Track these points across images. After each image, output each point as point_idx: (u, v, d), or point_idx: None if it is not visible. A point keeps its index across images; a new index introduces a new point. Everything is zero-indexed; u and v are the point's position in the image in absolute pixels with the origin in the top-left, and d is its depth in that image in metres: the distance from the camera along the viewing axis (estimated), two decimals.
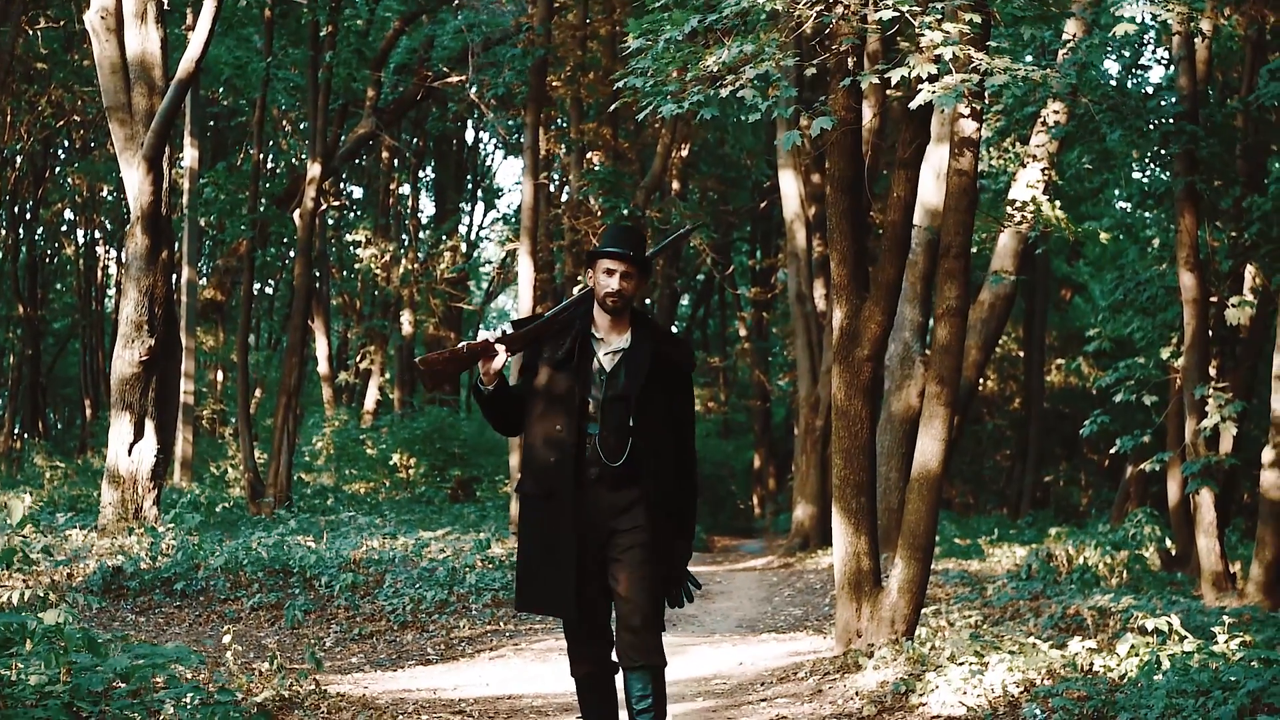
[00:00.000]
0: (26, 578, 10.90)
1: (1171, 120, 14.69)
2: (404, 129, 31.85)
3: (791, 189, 20.14)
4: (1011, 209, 13.95)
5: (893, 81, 7.48)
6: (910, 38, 7.58)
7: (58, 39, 26.25)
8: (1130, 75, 21.42)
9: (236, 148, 33.19)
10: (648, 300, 26.45)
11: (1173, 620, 8.48)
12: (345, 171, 32.30)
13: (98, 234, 34.18)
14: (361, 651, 9.89)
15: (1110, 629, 10.26)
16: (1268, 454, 12.95)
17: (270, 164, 32.81)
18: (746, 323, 33.72)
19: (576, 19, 21.41)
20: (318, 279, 28.05)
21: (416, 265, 30.77)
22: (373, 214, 33.24)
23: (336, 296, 33.78)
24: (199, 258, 27.41)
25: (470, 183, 36.92)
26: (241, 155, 31.72)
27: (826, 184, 9.04)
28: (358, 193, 36.79)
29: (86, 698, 5.50)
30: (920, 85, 7.33)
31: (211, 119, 31.14)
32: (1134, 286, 16.28)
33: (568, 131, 23.33)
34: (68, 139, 31.41)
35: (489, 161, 41.26)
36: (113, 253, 34.20)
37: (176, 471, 22.99)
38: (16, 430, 32.40)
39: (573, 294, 5.47)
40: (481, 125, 34.35)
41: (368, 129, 24.32)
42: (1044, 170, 14.90)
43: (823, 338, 19.27)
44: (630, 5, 19.28)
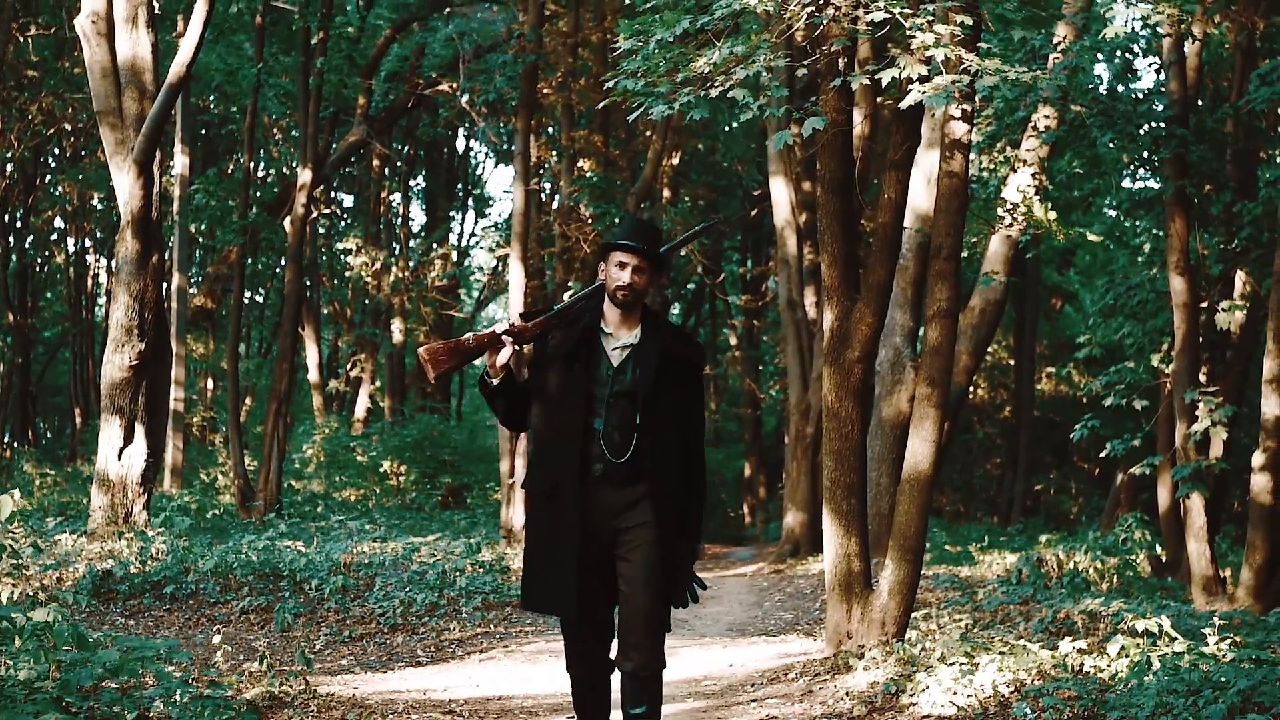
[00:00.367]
0: (16, 582, 10.85)
1: (1162, 125, 14.71)
2: (395, 137, 31.88)
3: (782, 196, 20.16)
4: (1002, 210, 13.98)
5: (883, 83, 7.49)
6: (901, 41, 7.59)
7: (48, 46, 26.24)
8: (1121, 81, 21.48)
9: (227, 155, 33.17)
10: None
11: (1163, 622, 8.47)
12: (336, 180, 32.29)
13: (88, 242, 34.07)
14: (351, 653, 9.87)
15: (1100, 632, 10.24)
16: (1258, 458, 12.96)
17: (261, 172, 32.79)
18: (737, 331, 33.71)
19: (568, 26, 21.44)
20: (308, 287, 28.04)
21: (407, 273, 30.76)
22: (363, 222, 33.23)
23: (327, 304, 33.73)
24: (190, 265, 27.34)
25: (461, 191, 36.93)
26: (232, 163, 31.70)
27: (818, 186, 9.05)
28: (348, 201, 36.79)
29: (75, 693, 5.47)
30: (911, 86, 7.35)
31: (202, 127, 31.13)
32: (1124, 291, 16.28)
33: (558, 139, 23.35)
34: (58, 146, 31.36)
35: (480, 170, 41.28)
36: (103, 261, 34.11)
37: (167, 479, 22.95)
38: (6, 439, 32.26)
39: (563, 299, 5.40)
40: (473, 134, 34.38)
41: (359, 136, 24.33)
42: (1034, 175, 14.92)
43: (813, 345, 19.26)
44: (621, 13, 19.30)
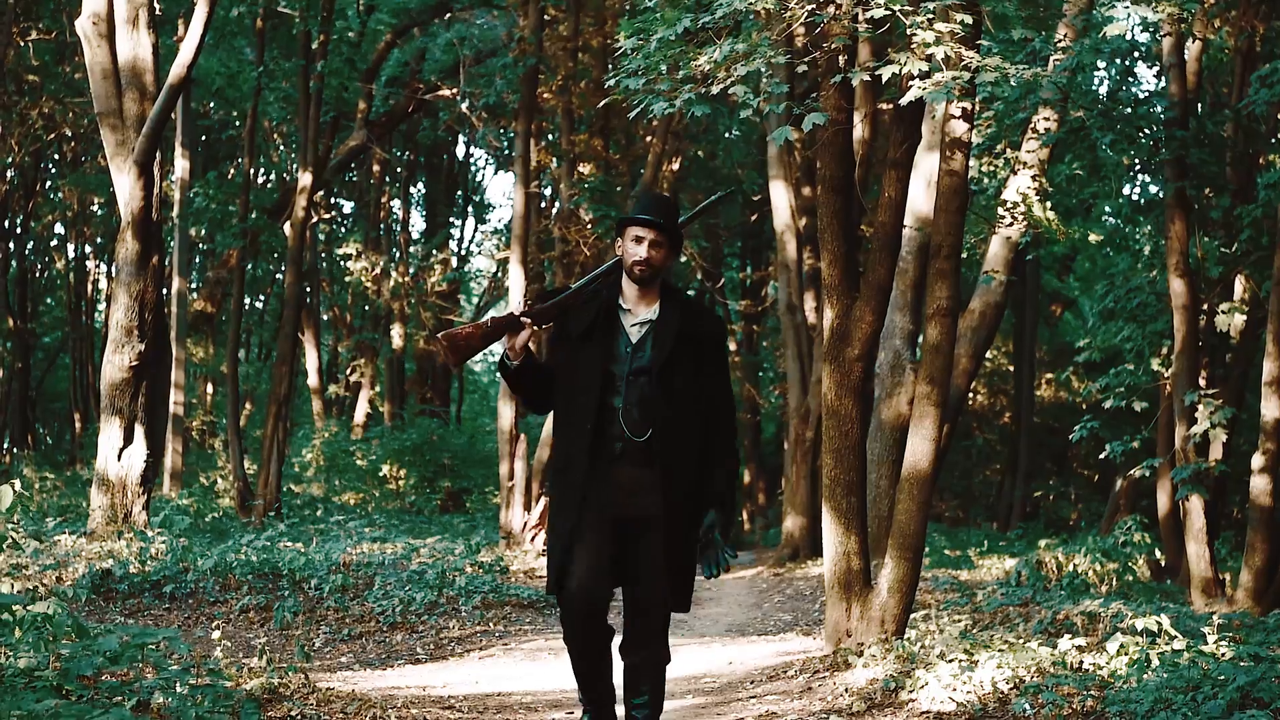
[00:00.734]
0: (16, 580, 10.85)
1: (1162, 127, 14.74)
2: (395, 142, 31.90)
3: (782, 200, 20.15)
4: (1003, 209, 14.00)
5: (884, 79, 7.50)
6: (902, 41, 7.62)
7: (49, 51, 26.24)
8: (1122, 85, 21.49)
9: (228, 160, 33.18)
10: None
11: (1162, 620, 8.47)
12: (336, 185, 32.33)
13: (88, 247, 34.07)
14: (351, 651, 9.88)
15: (1100, 632, 10.24)
16: (1258, 460, 12.98)
17: (261, 176, 32.81)
18: (736, 336, 33.72)
19: (568, 30, 21.46)
20: (308, 292, 28.05)
21: (407, 278, 30.77)
22: (363, 227, 33.25)
23: (327, 310, 33.76)
24: (190, 270, 27.36)
25: (461, 197, 36.97)
26: (233, 167, 31.72)
27: (818, 186, 9.07)
28: (348, 206, 36.83)
29: (75, 682, 5.47)
30: (911, 82, 7.36)
31: (203, 131, 31.15)
32: (1124, 294, 16.31)
33: (559, 143, 23.38)
34: (59, 152, 31.37)
35: (479, 176, 41.33)
36: (103, 267, 34.13)
37: (166, 482, 22.93)
38: (6, 444, 32.26)
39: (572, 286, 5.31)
40: (473, 140, 34.41)
41: (359, 141, 24.37)
42: (1034, 177, 14.93)
43: (813, 349, 19.24)
44: (621, 17, 19.32)
